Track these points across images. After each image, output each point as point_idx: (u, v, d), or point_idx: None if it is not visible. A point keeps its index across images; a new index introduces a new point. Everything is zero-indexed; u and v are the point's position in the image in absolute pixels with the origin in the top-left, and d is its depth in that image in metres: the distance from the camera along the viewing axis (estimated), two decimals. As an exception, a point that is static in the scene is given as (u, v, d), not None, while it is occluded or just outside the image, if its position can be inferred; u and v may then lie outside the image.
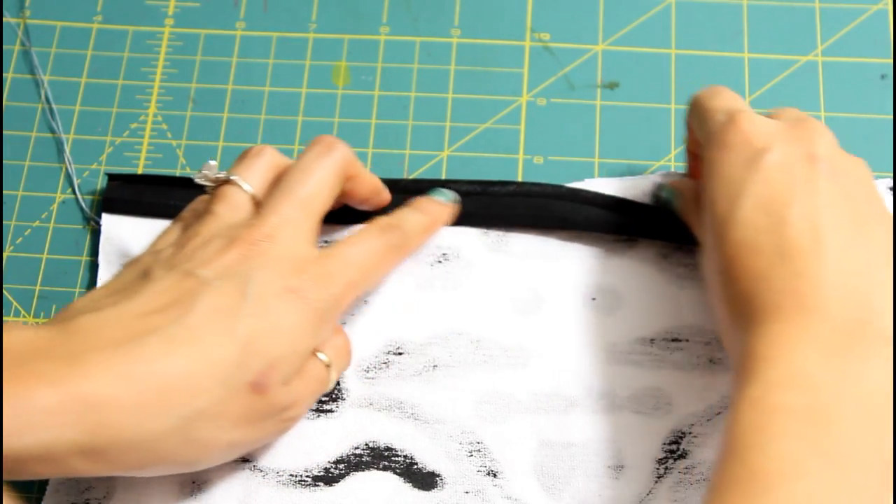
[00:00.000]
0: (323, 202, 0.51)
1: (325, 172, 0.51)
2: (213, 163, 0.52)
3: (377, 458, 0.52)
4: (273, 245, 0.48)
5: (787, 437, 0.41)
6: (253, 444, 0.49)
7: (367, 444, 0.52)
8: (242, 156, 0.53)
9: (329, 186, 0.51)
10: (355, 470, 0.51)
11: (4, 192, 0.59)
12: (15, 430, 0.41)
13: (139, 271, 0.48)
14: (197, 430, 0.45)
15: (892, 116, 0.59)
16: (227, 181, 0.51)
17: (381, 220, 0.53)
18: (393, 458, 0.52)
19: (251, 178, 0.51)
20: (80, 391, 0.43)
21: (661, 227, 0.55)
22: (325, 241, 0.56)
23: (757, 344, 0.44)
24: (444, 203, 0.56)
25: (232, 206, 0.51)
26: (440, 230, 0.56)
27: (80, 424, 0.42)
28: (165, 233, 0.53)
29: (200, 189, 0.58)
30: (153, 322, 0.45)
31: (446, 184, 0.57)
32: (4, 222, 0.59)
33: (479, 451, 0.52)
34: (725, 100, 0.51)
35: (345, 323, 0.54)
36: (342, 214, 0.55)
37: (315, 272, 0.49)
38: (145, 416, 0.44)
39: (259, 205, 0.51)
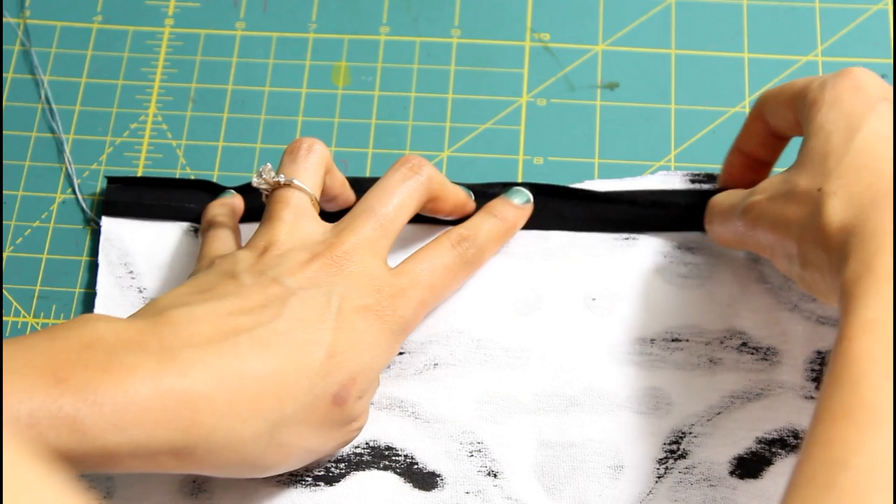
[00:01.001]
0: (401, 223, 0.51)
1: (407, 197, 0.51)
2: (269, 166, 0.52)
3: (378, 457, 0.52)
4: (350, 262, 0.49)
5: None
6: (325, 452, 0.49)
7: (367, 444, 0.52)
8: (293, 153, 0.52)
9: (409, 210, 0.52)
10: (356, 469, 0.51)
11: (4, 192, 0.59)
12: (111, 425, 0.41)
13: (222, 273, 0.48)
14: (281, 434, 0.45)
15: (892, 116, 0.59)
16: (287, 184, 0.51)
17: (454, 233, 0.53)
18: (393, 458, 0.52)
19: (307, 179, 0.51)
20: (175, 388, 0.42)
21: (662, 222, 0.55)
22: None
23: (876, 263, 0.42)
24: (520, 207, 0.56)
25: (297, 211, 0.51)
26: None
27: (174, 422, 0.42)
28: (212, 239, 0.53)
29: (201, 190, 0.58)
30: (243, 322, 0.45)
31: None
32: (4, 222, 0.59)
33: (479, 451, 0.52)
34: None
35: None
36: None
37: (389, 292, 0.49)
38: (237, 418, 0.44)
39: (317, 204, 0.51)
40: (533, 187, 0.57)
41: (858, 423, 0.38)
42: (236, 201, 0.56)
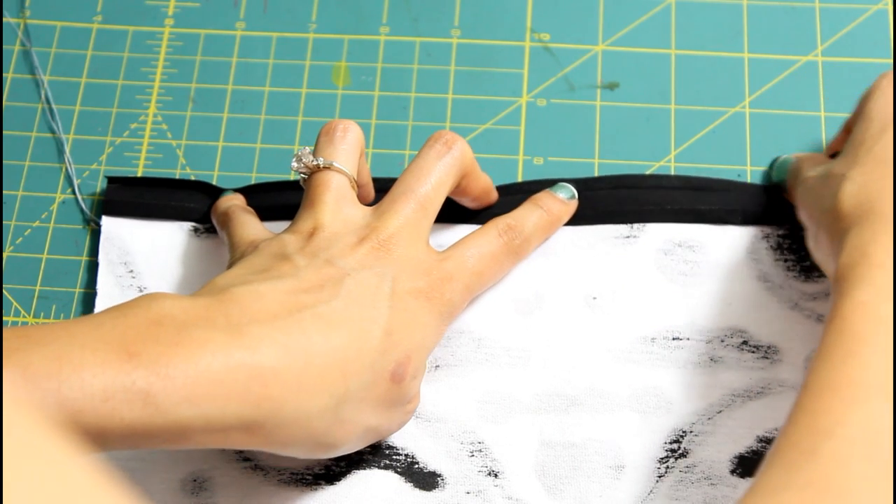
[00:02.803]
0: (439, 202, 0.52)
1: (443, 173, 0.52)
2: (307, 149, 0.52)
3: (378, 456, 0.52)
4: (396, 246, 0.49)
5: (887, 352, 0.41)
6: (383, 432, 0.49)
7: (368, 442, 0.52)
8: (329, 134, 0.52)
9: (447, 186, 0.52)
10: (357, 468, 0.51)
11: (4, 192, 0.59)
12: (183, 399, 0.41)
13: (272, 255, 0.49)
14: (345, 411, 0.46)
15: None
16: (326, 167, 0.51)
17: (501, 222, 0.54)
18: (394, 457, 0.52)
19: (345, 161, 0.52)
20: (245, 362, 0.43)
21: (664, 212, 0.56)
22: None
23: (871, 250, 0.44)
24: (565, 201, 0.56)
25: (337, 194, 0.51)
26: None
27: (245, 396, 0.42)
28: (239, 225, 0.53)
29: (201, 191, 0.58)
30: (304, 301, 0.46)
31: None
32: (4, 222, 0.59)
33: (480, 451, 0.52)
34: None
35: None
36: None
37: (438, 275, 0.50)
38: (304, 393, 0.44)
39: (356, 185, 0.52)
40: (535, 185, 0.57)
41: (844, 396, 0.40)
42: (242, 197, 0.56)
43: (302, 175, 0.52)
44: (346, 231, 0.50)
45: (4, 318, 0.56)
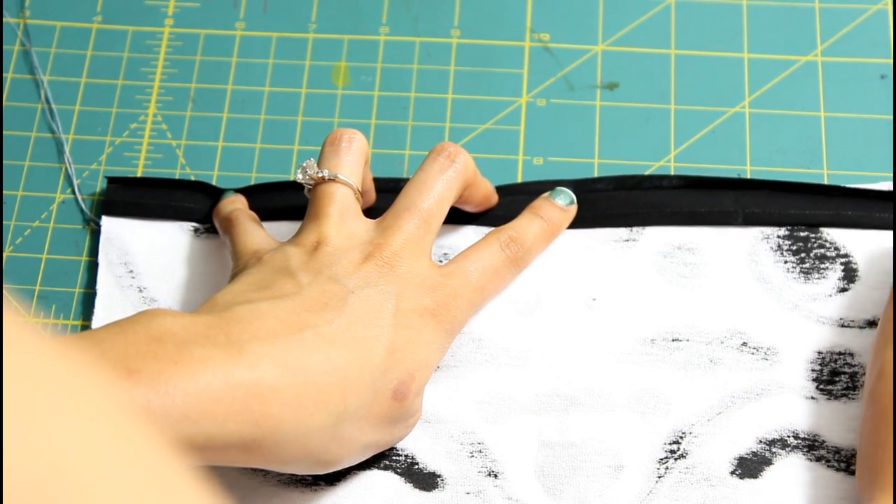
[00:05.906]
0: (442, 216, 0.52)
1: (446, 187, 0.52)
2: (312, 161, 0.52)
3: (378, 456, 0.52)
4: (400, 263, 0.50)
5: None
6: (383, 446, 0.49)
7: (367, 443, 0.52)
8: (334, 145, 0.52)
9: (449, 200, 0.52)
10: (356, 469, 0.51)
11: (4, 192, 0.59)
12: (182, 416, 0.41)
13: (276, 270, 0.49)
14: (343, 429, 0.46)
15: (891, 116, 0.59)
16: (331, 179, 0.51)
17: (502, 234, 0.53)
18: (394, 458, 0.52)
19: (349, 172, 0.52)
20: (245, 380, 0.43)
21: (663, 214, 0.56)
22: None
23: None
24: (564, 208, 0.56)
25: (342, 207, 0.51)
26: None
27: (244, 415, 0.42)
28: (242, 234, 0.53)
29: (201, 191, 0.58)
30: (307, 320, 0.46)
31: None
32: (4, 222, 0.59)
33: (480, 451, 0.52)
34: None
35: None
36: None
37: (443, 292, 0.50)
38: (304, 411, 0.44)
39: (360, 196, 0.52)
40: (535, 185, 0.57)
41: None
42: (243, 199, 0.56)
43: (307, 186, 0.52)
44: (349, 246, 0.50)
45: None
